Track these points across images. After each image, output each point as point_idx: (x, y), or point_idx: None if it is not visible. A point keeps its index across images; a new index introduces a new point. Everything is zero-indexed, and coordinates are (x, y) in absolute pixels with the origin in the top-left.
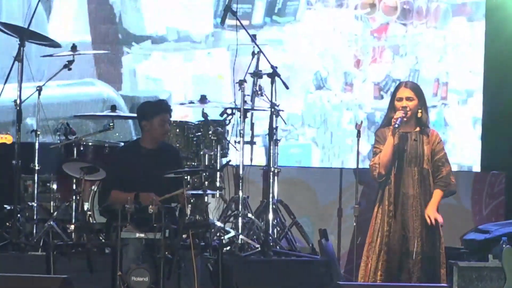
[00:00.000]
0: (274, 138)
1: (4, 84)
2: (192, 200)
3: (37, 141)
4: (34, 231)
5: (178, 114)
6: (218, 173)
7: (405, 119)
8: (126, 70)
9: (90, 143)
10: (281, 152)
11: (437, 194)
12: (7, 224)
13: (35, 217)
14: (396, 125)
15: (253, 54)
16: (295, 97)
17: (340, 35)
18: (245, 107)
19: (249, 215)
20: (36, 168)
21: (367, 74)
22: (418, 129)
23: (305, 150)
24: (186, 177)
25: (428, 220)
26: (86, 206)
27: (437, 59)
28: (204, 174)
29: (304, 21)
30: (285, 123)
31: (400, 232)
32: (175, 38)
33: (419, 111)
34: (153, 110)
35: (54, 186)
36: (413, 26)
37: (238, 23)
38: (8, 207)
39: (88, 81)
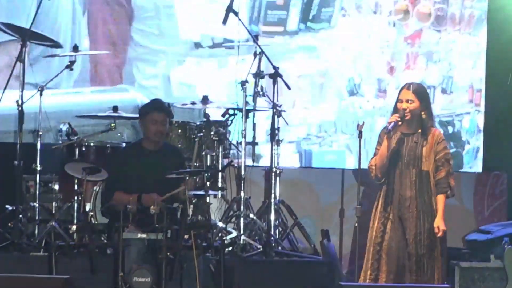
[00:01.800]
0: (276, 138)
1: (6, 85)
2: (194, 201)
3: (39, 142)
4: (36, 232)
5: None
6: (220, 173)
7: (399, 123)
8: (160, 76)
9: (92, 144)
10: (315, 159)
11: (441, 200)
12: (9, 224)
13: (37, 218)
14: (389, 128)
15: (255, 54)
16: (328, 104)
17: (374, 41)
18: (247, 107)
19: (251, 215)
20: (38, 168)
21: (400, 81)
22: (419, 130)
23: (340, 156)
24: (187, 178)
25: (437, 231)
26: (88, 206)
27: (471, 66)
28: (206, 174)
29: (338, 27)
30: (286, 123)
31: (398, 234)
32: (209, 44)
33: (422, 113)
34: (144, 110)
35: (56, 187)
36: (446, 33)
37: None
38: (10, 208)
39: (122, 87)
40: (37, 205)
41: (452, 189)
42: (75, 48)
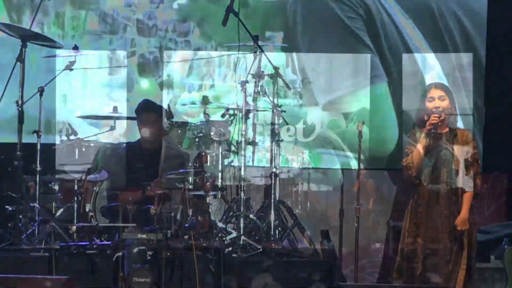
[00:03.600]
0: (276, 139)
1: (6, 85)
2: (194, 201)
3: (39, 142)
4: (36, 232)
5: None
6: (219, 174)
7: (439, 123)
8: None
9: (92, 144)
10: None
11: (467, 198)
12: (9, 225)
13: (37, 218)
14: (432, 131)
15: (255, 55)
16: None
17: None
18: (247, 107)
19: (251, 216)
20: (38, 169)
21: None
22: (447, 130)
23: None
24: (187, 178)
25: (459, 229)
26: (88, 207)
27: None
28: (206, 175)
29: None
30: (286, 123)
31: (426, 232)
32: None
33: (451, 111)
34: (136, 111)
35: (56, 187)
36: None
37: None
38: (10, 208)
39: None
40: (37, 205)
41: (478, 188)
42: (75, 48)
